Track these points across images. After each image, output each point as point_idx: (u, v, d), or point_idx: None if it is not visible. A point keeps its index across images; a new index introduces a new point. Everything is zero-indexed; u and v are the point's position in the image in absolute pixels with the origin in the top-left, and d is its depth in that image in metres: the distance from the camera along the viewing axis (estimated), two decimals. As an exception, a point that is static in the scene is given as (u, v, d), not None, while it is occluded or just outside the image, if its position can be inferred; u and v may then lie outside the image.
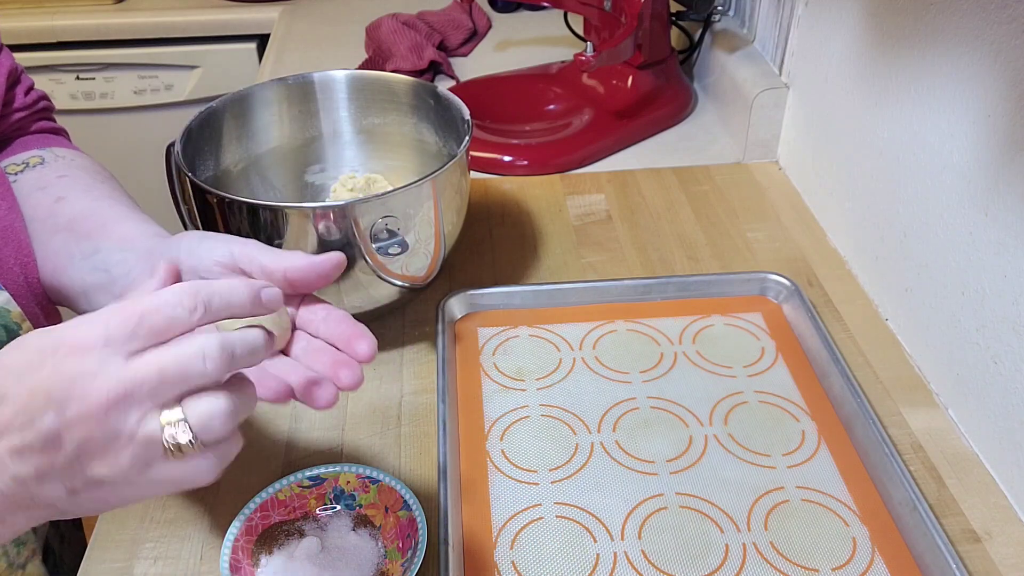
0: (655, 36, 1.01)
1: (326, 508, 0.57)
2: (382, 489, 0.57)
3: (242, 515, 0.55)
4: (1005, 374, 0.59)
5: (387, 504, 0.57)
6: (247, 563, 0.54)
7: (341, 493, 0.58)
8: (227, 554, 0.53)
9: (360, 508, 0.57)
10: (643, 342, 0.73)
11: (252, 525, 0.55)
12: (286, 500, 0.57)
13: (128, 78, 1.47)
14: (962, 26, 0.61)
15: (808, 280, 0.80)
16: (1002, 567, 0.55)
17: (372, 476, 0.57)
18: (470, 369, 0.70)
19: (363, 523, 0.57)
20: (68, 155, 0.61)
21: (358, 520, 0.57)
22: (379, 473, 0.57)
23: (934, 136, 0.66)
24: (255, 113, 0.78)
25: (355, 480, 0.58)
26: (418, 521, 0.54)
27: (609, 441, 0.64)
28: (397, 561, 0.54)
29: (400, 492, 0.56)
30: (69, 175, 0.59)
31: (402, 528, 0.55)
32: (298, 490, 0.57)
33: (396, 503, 0.56)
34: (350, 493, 0.58)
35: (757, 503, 0.59)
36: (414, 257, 0.68)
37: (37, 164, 0.58)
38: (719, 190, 0.93)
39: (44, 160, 0.59)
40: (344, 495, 0.58)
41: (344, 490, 0.58)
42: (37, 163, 0.58)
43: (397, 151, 0.82)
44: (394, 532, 0.56)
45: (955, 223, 0.64)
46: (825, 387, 0.68)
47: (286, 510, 0.57)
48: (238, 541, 0.54)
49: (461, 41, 1.26)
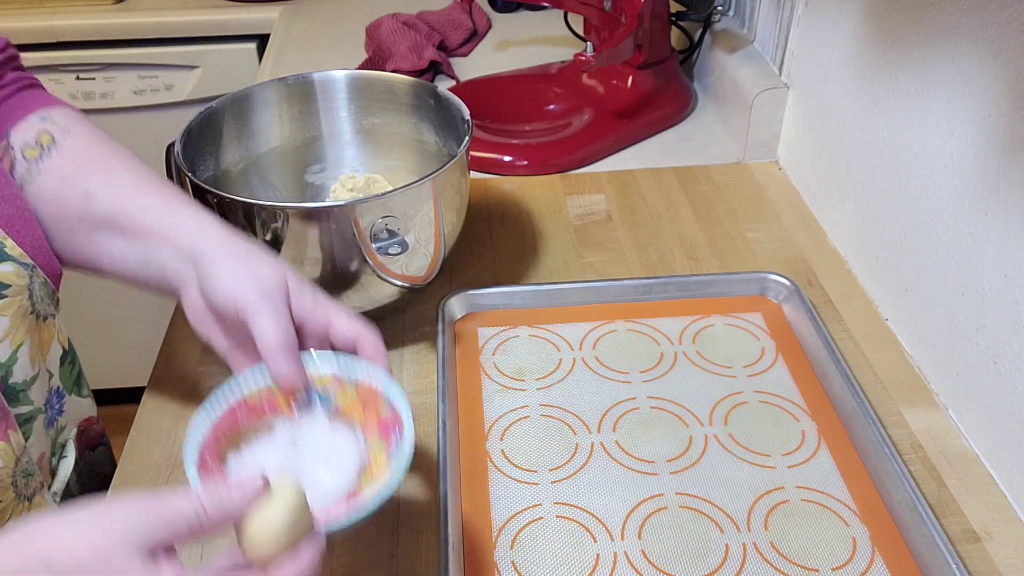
0: (655, 36, 1.01)
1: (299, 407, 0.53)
2: (360, 387, 0.53)
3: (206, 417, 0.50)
4: (1005, 374, 0.59)
5: (366, 400, 0.53)
6: (215, 464, 0.49)
7: (315, 392, 0.53)
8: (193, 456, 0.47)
9: (336, 404, 0.53)
10: (643, 342, 0.73)
11: (218, 430, 0.50)
12: (255, 404, 0.52)
13: (128, 78, 1.47)
14: (962, 26, 0.61)
15: (808, 280, 0.80)
16: (1002, 567, 0.55)
17: (348, 375, 0.53)
18: (470, 369, 0.70)
19: (339, 419, 0.53)
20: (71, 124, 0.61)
21: (334, 417, 0.53)
22: (355, 368, 0.53)
23: (934, 136, 0.66)
24: (255, 113, 0.78)
25: (329, 380, 0.53)
26: (402, 414, 0.51)
27: (609, 441, 0.64)
28: (382, 453, 0.51)
29: (379, 388, 0.52)
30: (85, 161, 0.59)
31: (384, 424, 0.52)
32: (267, 393, 0.53)
33: (375, 399, 0.52)
34: (324, 392, 0.53)
35: (757, 503, 0.59)
36: (414, 257, 0.68)
37: (50, 144, 0.59)
38: (719, 190, 0.93)
39: (55, 139, 0.59)
40: (318, 393, 0.53)
41: (318, 388, 0.53)
42: (49, 143, 0.59)
43: (397, 151, 0.82)
44: (375, 427, 0.52)
45: (955, 223, 0.64)
46: (825, 387, 0.68)
47: (253, 413, 0.52)
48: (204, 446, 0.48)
49: (461, 41, 1.26)
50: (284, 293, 0.52)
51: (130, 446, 0.65)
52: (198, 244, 0.54)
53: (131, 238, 0.56)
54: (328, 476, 0.49)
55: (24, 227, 0.55)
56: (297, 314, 0.53)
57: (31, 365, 0.56)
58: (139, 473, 0.63)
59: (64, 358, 0.61)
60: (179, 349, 0.73)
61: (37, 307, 0.56)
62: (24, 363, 0.55)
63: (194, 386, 0.70)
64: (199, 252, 0.53)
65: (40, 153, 0.58)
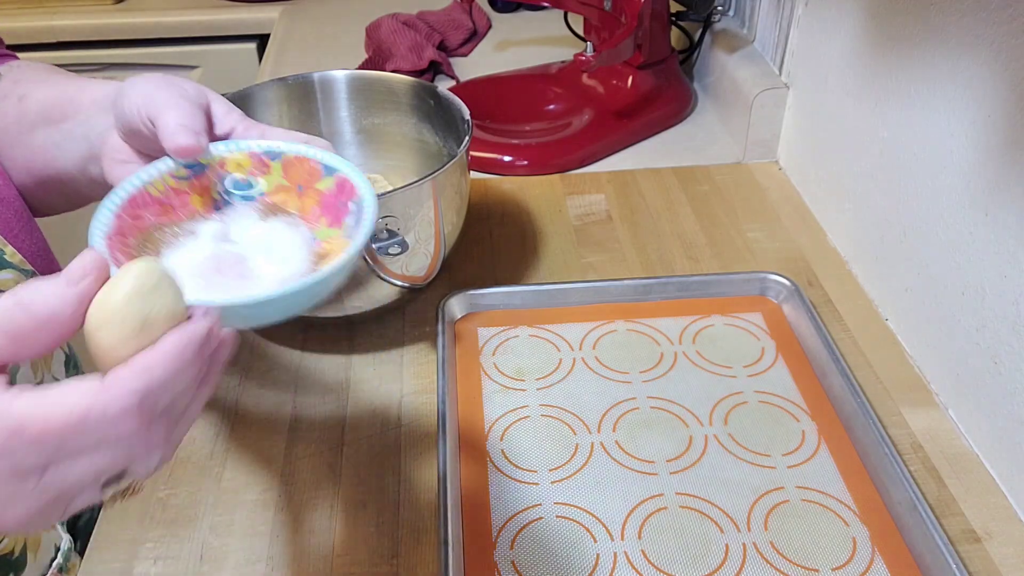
0: (655, 36, 1.01)
1: (218, 205, 0.44)
2: (287, 163, 0.44)
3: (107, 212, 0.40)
4: (1005, 374, 0.59)
5: (300, 182, 0.44)
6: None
7: (234, 182, 0.44)
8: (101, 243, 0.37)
9: (264, 196, 0.44)
10: (643, 342, 0.73)
11: (122, 222, 0.40)
12: (160, 197, 0.42)
13: (128, 78, 1.47)
14: (962, 26, 0.61)
15: (808, 280, 0.80)
16: (1002, 567, 0.55)
17: (271, 150, 0.44)
18: (470, 369, 0.70)
19: (273, 212, 0.44)
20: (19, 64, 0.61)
21: (266, 210, 0.44)
22: (278, 143, 0.44)
23: (934, 136, 0.66)
24: (255, 113, 0.78)
25: (247, 161, 0.44)
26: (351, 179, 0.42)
27: (609, 441, 0.64)
28: (335, 236, 0.42)
29: (313, 158, 0.43)
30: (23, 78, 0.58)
31: (327, 201, 0.43)
32: (173, 182, 0.43)
33: (312, 175, 0.43)
34: (245, 180, 0.44)
35: (757, 503, 0.59)
36: (414, 257, 0.68)
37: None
38: (719, 190, 0.93)
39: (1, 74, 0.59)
40: (238, 184, 0.44)
41: (236, 178, 0.44)
42: None
43: (397, 151, 0.82)
44: (318, 210, 0.43)
45: (955, 223, 0.64)
46: (825, 387, 0.68)
47: (162, 209, 0.42)
48: (111, 240, 0.38)
49: (461, 41, 1.26)
50: (203, 98, 0.46)
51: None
52: (118, 87, 0.49)
53: (60, 121, 0.53)
54: (272, 269, 0.40)
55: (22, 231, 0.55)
56: (223, 129, 0.46)
57: (34, 373, 0.55)
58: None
59: (68, 363, 0.61)
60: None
61: None
62: (26, 371, 0.55)
63: (194, 386, 0.69)
64: (118, 89, 0.48)
65: None
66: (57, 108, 0.54)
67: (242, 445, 0.64)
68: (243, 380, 0.70)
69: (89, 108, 0.52)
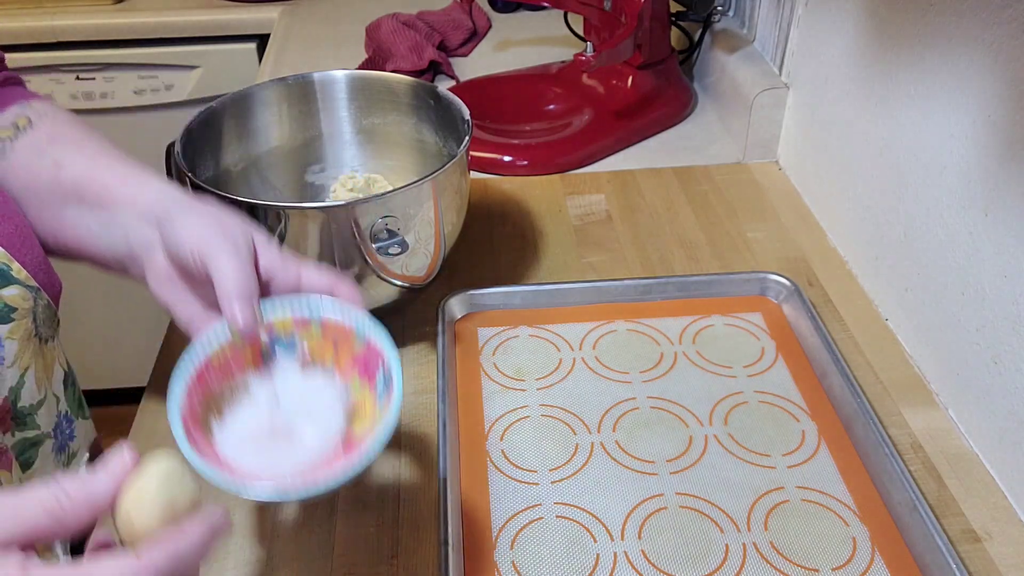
0: (655, 36, 1.01)
1: (266, 359, 0.51)
2: (326, 325, 0.50)
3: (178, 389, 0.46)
4: (1005, 374, 0.59)
5: (335, 339, 0.50)
6: (200, 436, 0.46)
7: (279, 340, 0.51)
8: (180, 430, 0.44)
9: (304, 349, 0.51)
10: (643, 342, 0.73)
11: (192, 395, 0.47)
12: (223, 363, 0.49)
13: (128, 78, 1.47)
14: (962, 26, 0.61)
15: (808, 280, 0.80)
16: (1002, 567, 0.55)
17: (309, 314, 0.51)
18: (470, 369, 0.70)
19: (312, 365, 0.51)
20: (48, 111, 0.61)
21: (305, 364, 0.51)
22: (318, 307, 0.51)
23: (934, 136, 0.66)
24: (255, 113, 0.78)
25: (292, 324, 0.51)
26: (380, 345, 0.48)
27: (609, 441, 0.64)
28: (367, 391, 0.48)
29: (347, 322, 0.50)
30: (58, 135, 0.59)
31: (360, 359, 0.49)
32: (230, 350, 0.50)
33: (346, 336, 0.50)
34: (289, 339, 0.51)
35: (757, 503, 0.59)
36: (414, 257, 0.68)
37: (26, 126, 0.58)
38: (719, 190, 0.93)
39: (31, 122, 0.59)
40: (282, 342, 0.51)
41: (281, 336, 0.51)
42: (25, 125, 0.58)
43: (397, 151, 0.82)
44: (350, 366, 0.49)
45: (955, 223, 0.64)
46: (825, 387, 0.68)
47: (221, 372, 0.49)
48: (186, 420, 0.45)
49: (461, 41, 1.26)
50: (249, 243, 0.51)
51: (130, 446, 0.65)
52: (163, 203, 0.53)
53: (97, 208, 0.55)
54: (314, 430, 0.47)
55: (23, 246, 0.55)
56: (265, 268, 0.51)
57: (38, 389, 0.55)
58: None
59: (66, 380, 0.61)
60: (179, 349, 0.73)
61: (40, 329, 0.56)
62: (31, 387, 0.55)
63: (194, 386, 0.69)
64: (164, 210, 0.52)
65: (15, 133, 0.58)
66: (93, 192, 0.55)
67: (242, 445, 0.64)
68: (243, 380, 0.70)
69: (129, 210, 0.54)
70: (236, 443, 0.46)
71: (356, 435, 0.47)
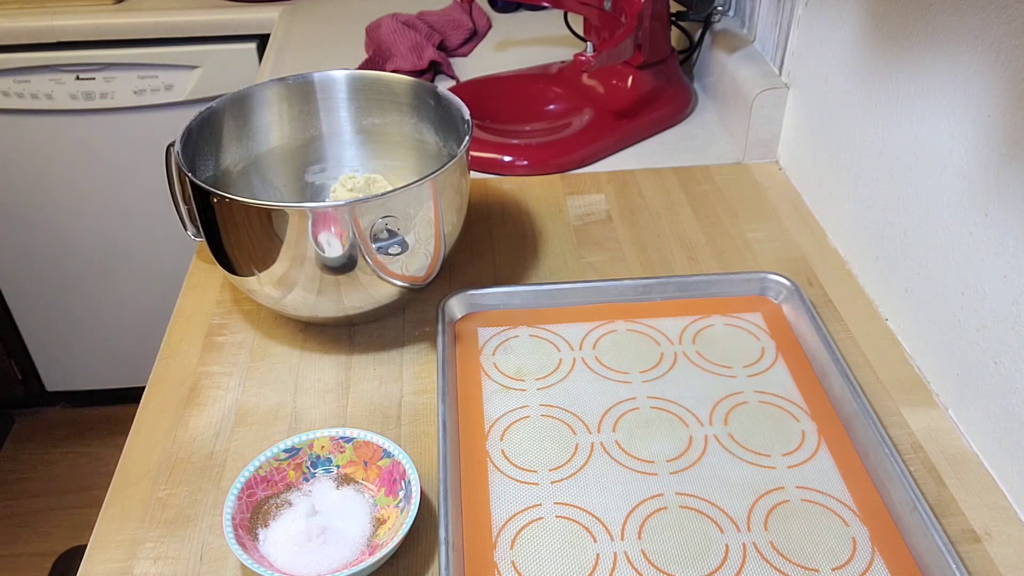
0: (655, 36, 1.01)
1: (306, 476, 0.60)
2: (357, 446, 0.60)
3: (232, 495, 0.57)
4: (1005, 374, 0.59)
5: (365, 458, 0.60)
6: (248, 539, 0.55)
7: (317, 459, 0.60)
8: (231, 533, 0.54)
9: (339, 468, 0.61)
10: (643, 342, 0.73)
11: (242, 503, 0.57)
12: (267, 475, 0.59)
13: (128, 78, 1.47)
14: (962, 26, 0.61)
15: (808, 280, 0.80)
16: (1002, 567, 0.55)
17: (345, 436, 0.60)
18: (470, 369, 0.70)
19: (346, 481, 0.60)
20: None
21: (340, 480, 0.60)
22: (351, 431, 0.61)
23: (934, 136, 0.66)
24: (255, 113, 0.79)
25: (328, 443, 0.60)
26: (403, 463, 0.58)
27: (609, 441, 0.64)
28: (391, 504, 0.58)
29: (376, 443, 0.60)
30: None
31: (385, 475, 0.59)
32: (276, 464, 0.59)
33: (374, 455, 0.60)
34: (326, 457, 0.60)
35: (757, 503, 0.59)
36: (414, 257, 0.68)
37: None
38: (719, 190, 0.93)
39: None
40: (321, 460, 0.60)
41: (320, 455, 0.60)
42: None
43: (397, 151, 0.82)
44: (378, 481, 0.59)
45: (955, 223, 0.64)
46: (825, 387, 0.68)
47: (268, 485, 0.59)
48: (235, 519, 0.56)
49: (461, 41, 1.26)
50: None
51: (129, 447, 0.65)
52: None
53: None
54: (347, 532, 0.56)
55: None
56: None
57: None
58: (139, 474, 0.63)
59: None
60: (179, 349, 0.73)
61: None
62: None
63: (194, 386, 0.70)
64: None
65: None
66: None
67: (242, 445, 0.64)
68: (243, 380, 0.70)
69: None
70: (277, 544, 0.55)
71: (380, 540, 0.56)
